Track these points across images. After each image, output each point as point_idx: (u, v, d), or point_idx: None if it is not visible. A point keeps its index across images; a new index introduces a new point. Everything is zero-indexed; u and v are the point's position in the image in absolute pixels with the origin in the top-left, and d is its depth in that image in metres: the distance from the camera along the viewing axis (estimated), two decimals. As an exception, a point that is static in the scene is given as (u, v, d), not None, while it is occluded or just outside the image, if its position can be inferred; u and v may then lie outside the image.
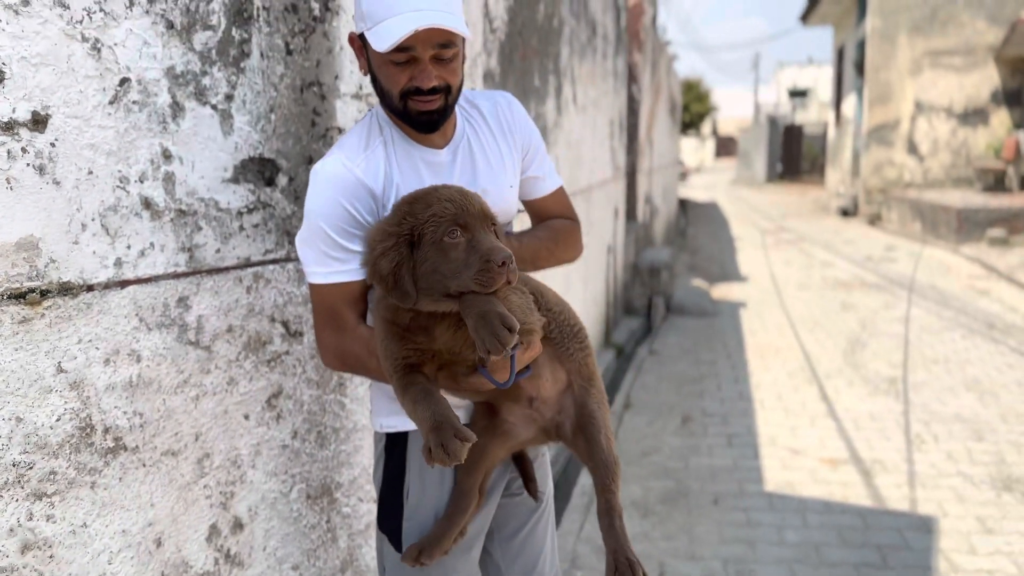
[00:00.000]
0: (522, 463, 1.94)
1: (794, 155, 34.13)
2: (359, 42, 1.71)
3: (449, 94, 1.70)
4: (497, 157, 1.86)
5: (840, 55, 21.94)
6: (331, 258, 1.68)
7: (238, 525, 1.88)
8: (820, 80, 44.20)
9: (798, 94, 47.60)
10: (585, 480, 4.14)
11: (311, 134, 2.02)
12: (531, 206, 2.06)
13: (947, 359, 6.50)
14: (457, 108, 1.84)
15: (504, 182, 1.87)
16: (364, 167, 1.70)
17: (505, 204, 1.86)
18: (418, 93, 1.65)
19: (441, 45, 1.63)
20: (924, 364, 6.39)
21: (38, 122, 1.38)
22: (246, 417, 1.89)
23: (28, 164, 1.37)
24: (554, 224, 2.02)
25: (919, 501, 3.98)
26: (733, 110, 66.76)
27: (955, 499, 4.00)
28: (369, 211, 1.70)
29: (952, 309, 8.33)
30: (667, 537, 3.66)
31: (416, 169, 1.76)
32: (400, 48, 1.61)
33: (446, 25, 1.59)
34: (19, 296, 1.37)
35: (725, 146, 64.46)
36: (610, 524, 1.67)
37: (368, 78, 1.81)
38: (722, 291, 9.85)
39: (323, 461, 2.14)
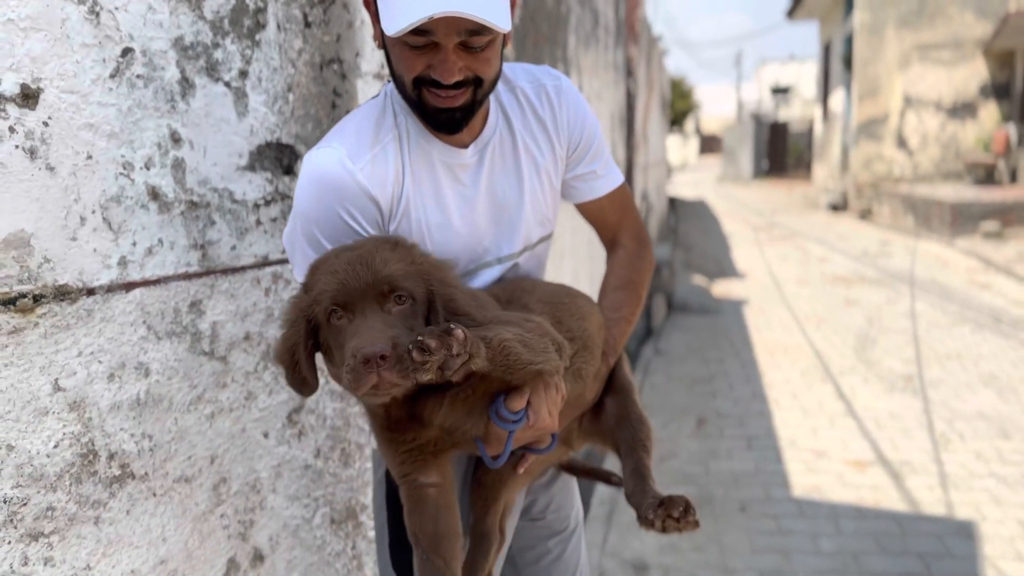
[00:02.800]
0: (579, 472, 1.76)
1: (779, 152, 34.17)
2: (374, 6, 1.36)
3: (480, 87, 1.37)
4: (537, 155, 1.55)
5: (827, 50, 21.87)
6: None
7: (258, 557, 1.67)
8: (802, 77, 44.31)
9: (780, 91, 47.70)
10: (603, 491, 3.94)
11: (331, 117, 1.81)
12: (584, 210, 1.72)
13: (960, 354, 6.35)
14: (495, 98, 1.52)
15: (545, 187, 1.57)
16: (368, 172, 1.38)
17: (546, 212, 1.60)
18: (437, 85, 1.33)
19: (470, 32, 1.29)
20: (937, 360, 6.23)
21: (28, 97, 1.17)
22: (265, 435, 1.68)
23: (17, 146, 1.16)
24: (624, 275, 1.68)
25: (955, 504, 3.81)
26: (716, 107, 66.83)
27: (991, 501, 3.83)
28: (372, 221, 1.41)
29: (956, 303, 8.20)
30: (696, 548, 3.47)
31: (433, 174, 1.46)
32: (417, 30, 1.27)
33: (475, 15, 1.24)
34: (8, 302, 1.16)
35: (708, 144, 64.53)
36: (642, 480, 1.48)
37: (382, 52, 1.55)
38: (722, 288, 9.69)
39: (347, 481, 1.93)
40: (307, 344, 1.25)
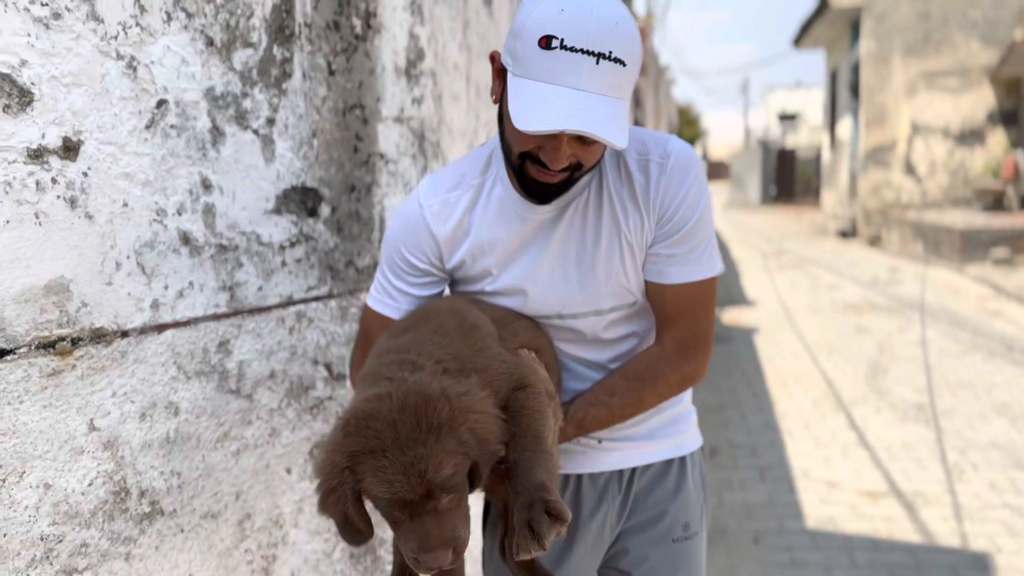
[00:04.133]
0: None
1: (787, 178, 34.23)
2: (499, 64, 1.39)
3: (579, 169, 1.39)
4: (623, 223, 1.49)
5: (834, 78, 22.00)
6: (383, 287, 1.56)
7: (281, 592, 1.70)
8: (809, 104, 44.46)
9: (787, 118, 47.88)
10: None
11: (353, 160, 1.87)
12: (647, 288, 1.55)
13: (972, 383, 6.34)
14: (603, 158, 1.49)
15: (625, 256, 1.50)
16: (437, 210, 1.51)
17: (623, 281, 1.52)
18: (542, 164, 1.36)
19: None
20: (949, 389, 6.22)
21: (69, 149, 1.22)
22: (288, 471, 1.71)
23: (59, 196, 1.21)
24: (640, 371, 1.54)
25: (969, 536, 3.80)
26: (723, 134, 67.13)
27: (1006, 533, 3.81)
28: (430, 257, 1.53)
29: (967, 331, 8.18)
30: (710, 580, 3.46)
31: (507, 223, 1.49)
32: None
33: (601, 136, 1.26)
34: (48, 345, 1.21)
35: (716, 170, 64.71)
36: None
37: (406, 96, 1.63)
38: (732, 316, 9.70)
39: (367, 516, 1.96)
40: (355, 502, 1.21)
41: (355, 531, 1.23)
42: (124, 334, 1.33)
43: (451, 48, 2.36)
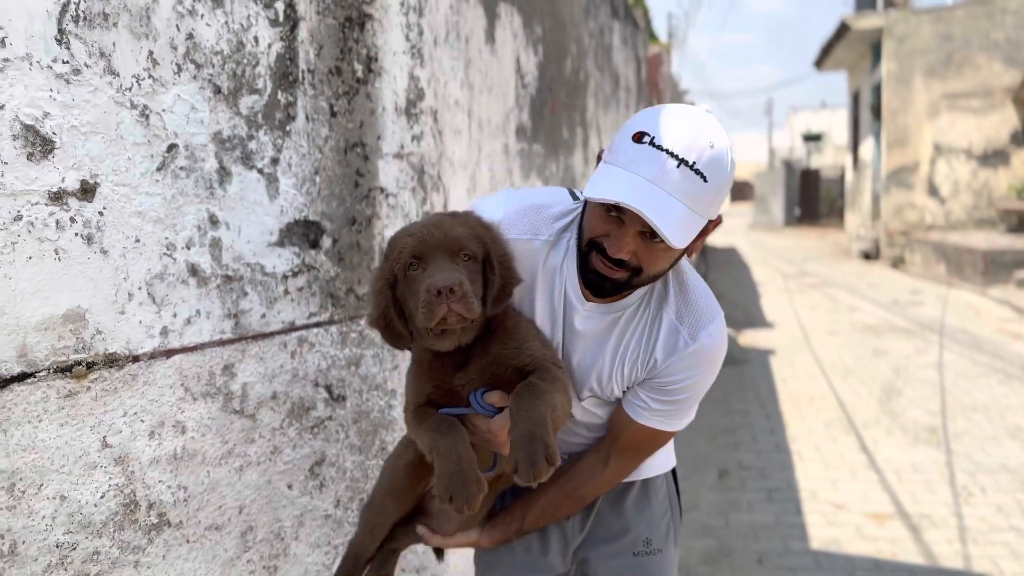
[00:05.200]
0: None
1: (812, 199, 34.06)
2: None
3: (638, 275, 1.50)
4: (637, 362, 1.63)
5: (855, 99, 21.99)
6: None
7: (281, 601, 1.81)
8: (834, 124, 44.26)
9: (812, 138, 47.70)
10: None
11: (354, 195, 1.99)
12: (616, 413, 1.72)
13: (986, 406, 6.33)
14: (646, 291, 1.62)
15: (614, 375, 1.64)
16: (541, 243, 1.64)
17: (606, 389, 1.67)
18: (604, 253, 1.47)
19: (652, 230, 1.40)
20: (963, 412, 6.22)
21: (86, 191, 1.35)
22: (289, 487, 1.82)
23: (76, 234, 1.34)
24: (584, 488, 1.74)
25: (972, 558, 3.82)
26: (747, 155, 67.00)
27: (1010, 555, 3.83)
28: None
29: (986, 354, 8.16)
30: (712, 599, 3.52)
31: (552, 295, 1.63)
32: (611, 205, 1.43)
33: (650, 218, 1.36)
34: (66, 369, 1.33)
35: (740, 191, 64.54)
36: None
37: (408, 134, 1.77)
38: (750, 338, 9.72)
39: (366, 530, 2.07)
40: (395, 304, 1.48)
41: (398, 335, 1.50)
42: (135, 359, 1.45)
43: (452, 86, 2.49)
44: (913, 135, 17.58)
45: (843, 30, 18.42)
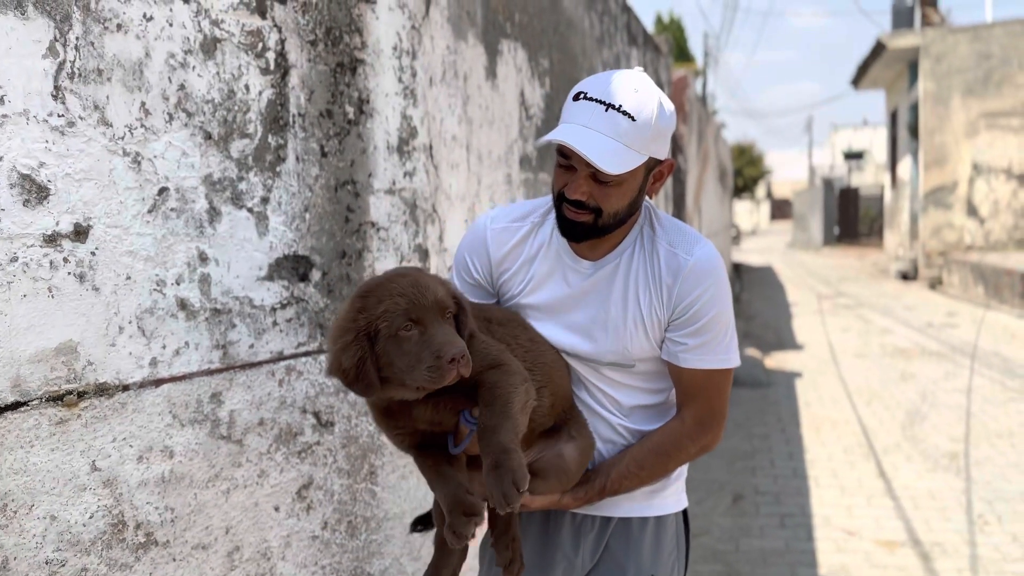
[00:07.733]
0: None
1: (851, 218, 33.67)
2: None
3: (600, 216, 1.67)
4: (643, 302, 1.74)
5: (893, 118, 21.77)
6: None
7: (267, 618, 1.89)
8: (875, 142, 43.79)
9: (853, 156, 47.16)
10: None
11: (344, 230, 2.09)
12: (668, 366, 1.81)
13: (1012, 432, 6.24)
14: (636, 236, 1.78)
15: (630, 327, 1.75)
16: (499, 231, 1.85)
17: (625, 342, 1.76)
18: (568, 201, 1.67)
19: (598, 172, 1.61)
20: (987, 438, 6.14)
21: (79, 233, 1.46)
22: (276, 509, 1.92)
23: (69, 273, 1.44)
24: (665, 444, 1.80)
25: (982, 588, 3.79)
26: (787, 172, 66.43)
27: (1022, 587, 3.80)
28: (482, 272, 1.87)
29: (1018, 378, 8.02)
30: (714, 625, 3.54)
31: (551, 268, 1.81)
32: (561, 152, 1.66)
33: (586, 155, 1.57)
34: (57, 398, 1.44)
35: (780, 208, 63.99)
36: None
37: (398, 170, 1.90)
38: (777, 360, 9.67)
39: (354, 551, 2.15)
40: (372, 355, 1.52)
41: (367, 382, 1.52)
42: (125, 388, 1.56)
43: (449, 122, 2.59)
44: (951, 154, 17.35)
45: (879, 49, 18.29)
